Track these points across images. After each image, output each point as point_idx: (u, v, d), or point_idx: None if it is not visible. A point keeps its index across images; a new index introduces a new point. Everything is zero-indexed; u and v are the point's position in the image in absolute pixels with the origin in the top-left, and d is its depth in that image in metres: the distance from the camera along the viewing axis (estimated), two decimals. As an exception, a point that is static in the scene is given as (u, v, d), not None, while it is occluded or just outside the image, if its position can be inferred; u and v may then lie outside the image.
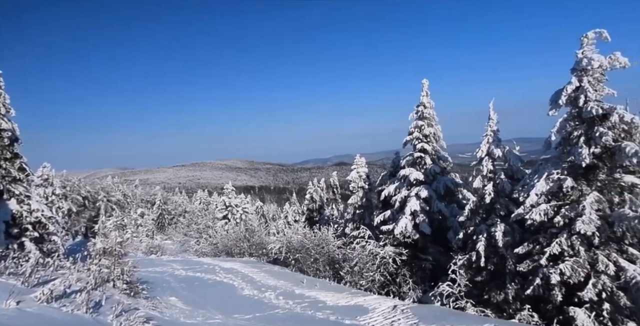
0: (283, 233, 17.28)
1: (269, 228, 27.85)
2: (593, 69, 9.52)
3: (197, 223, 33.53)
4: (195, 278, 13.33)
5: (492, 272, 11.84)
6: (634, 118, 9.04)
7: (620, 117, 9.14)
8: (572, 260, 9.26)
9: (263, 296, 10.77)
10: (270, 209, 57.27)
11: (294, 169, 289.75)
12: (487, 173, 12.49)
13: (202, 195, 54.87)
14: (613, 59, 9.36)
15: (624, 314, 8.73)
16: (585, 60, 9.53)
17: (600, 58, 9.44)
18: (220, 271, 14.11)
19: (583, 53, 9.66)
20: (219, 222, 31.66)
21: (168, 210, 45.66)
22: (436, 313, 8.50)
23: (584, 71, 9.67)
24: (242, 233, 20.81)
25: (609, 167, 9.51)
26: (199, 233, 30.08)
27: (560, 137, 10.23)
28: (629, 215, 8.63)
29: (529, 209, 10.14)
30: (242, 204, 33.45)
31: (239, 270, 14.39)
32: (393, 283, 14.22)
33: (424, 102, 15.93)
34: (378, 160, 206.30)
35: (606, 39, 9.50)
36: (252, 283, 12.21)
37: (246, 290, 11.41)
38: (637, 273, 8.47)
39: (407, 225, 14.79)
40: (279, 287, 11.64)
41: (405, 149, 16.69)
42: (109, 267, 8.05)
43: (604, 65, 9.44)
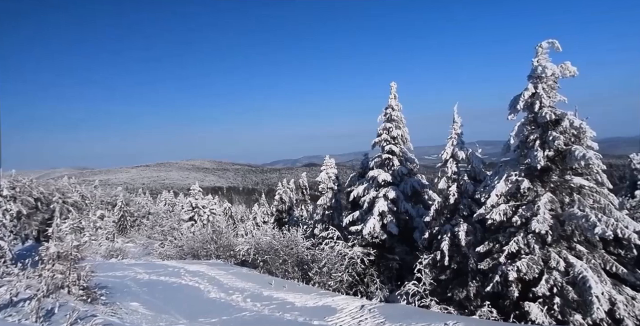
0: (252, 235, 17.05)
1: (238, 230, 27.39)
2: (547, 76, 10.13)
3: (162, 226, 32.41)
4: (159, 282, 12.86)
5: (455, 271, 12.26)
6: (582, 124, 9.70)
7: (571, 123, 9.77)
8: (528, 257, 9.76)
9: (230, 299, 10.55)
10: (238, 210, 56.32)
11: (263, 170, 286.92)
12: (452, 175, 12.93)
13: (167, 197, 53.12)
14: (564, 68, 10.01)
15: (572, 307, 9.31)
16: (540, 69, 10.12)
17: (553, 67, 10.07)
18: (186, 275, 13.70)
19: (538, 61, 10.25)
20: (185, 224, 30.75)
21: (131, 212, 43.80)
22: (402, 312, 8.67)
23: (539, 79, 10.26)
24: (209, 235, 20.33)
25: (561, 170, 10.13)
26: (163, 236, 29.08)
27: (518, 141, 10.78)
28: (577, 215, 9.22)
29: (490, 209, 10.59)
30: (209, 205, 32.67)
31: (206, 273, 14.04)
32: (361, 284, 14.39)
33: (392, 104, 16.26)
34: (348, 161, 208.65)
35: (558, 49, 10.13)
36: (219, 286, 11.94)
37: (213, 293, 11.14)
38: (583, 269, 9.05)
39: (376, 226, 15.03)
40: (247, 289, 11.46)
41: (374, 151, 16.98)
42: (63, 273, 7.59)
43: (557, 73, 10.08)
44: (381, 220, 15.18)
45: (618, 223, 8.92)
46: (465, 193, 12.76)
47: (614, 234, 8.71)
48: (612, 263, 9.45)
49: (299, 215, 33.10)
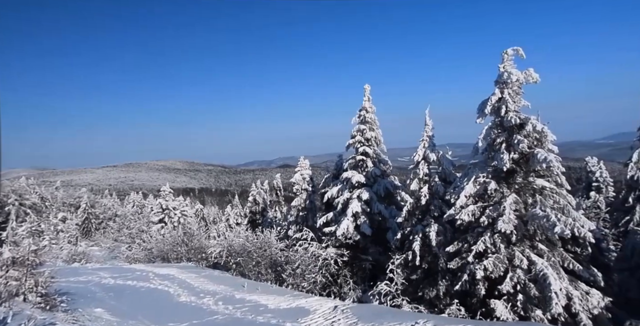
0: (224, 237, 16.75)
1: (210, 232, 26.80)
2: (512, 82, 10.60)
3: (130, 228, 31.25)
4: (126, 286, 12.38)
5: (426, 270, 12.54)
6: (544, 128, 10.22)
7: (534, 127, 10.26)
8: (494, 256, 10.14)
9: (201, 302, 10.32)
10: (211, 212, 55.21)
11: (236, 171, 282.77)
12: (423, 176, 13.24)
13: (135, 198, 51.30)
14: (527, 74, 10.51)
15: (533, 303, 9.75)
16: (506, 74, 10.58)
17: (518, 73, 10.55)
18: (155, 278, 13.27)
19: (504, 67, 10.70)
20: (155, 226, 29.80)
21: (96, 214, 41.95)
22: (374, 311, 8.79)
23: (505, 84, 10.71)
24: (180, 237, 19.79)
25: (524, 171, 10.61)
26: (131, 238, 28.06)
27: (486, 144, 11.19)
28: (539, 215, 9.68)
29: (459, 210, 10.92)
30: (180, 207, 31.84)
31: (176, 276, 13.66)
32: (334, 284, 14.46)
33: (366, 106, 16.47)
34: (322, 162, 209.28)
35: (522, 56, 10.62)
36: (190, 289, 11.65)
37: (183, 297, 10.85)
38: (544, 267, 9.52)
39: (349, 227, 15.14)
40: (218, 292, 11.24)
41: (348, 152, 17.11)
42: (18, 279, 7.16)
43: (521, 79, 10.56)
44: (355, 221, 15.31)
45: (575, 222, 9.44)
46: (436, 194, 13.09)
47: (571, 233, 9.21)
48: (569, 260, 9.98)
49: (273, 216, 32.86)
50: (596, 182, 24.73)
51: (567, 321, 9.39)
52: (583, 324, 9.27)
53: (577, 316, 9.36)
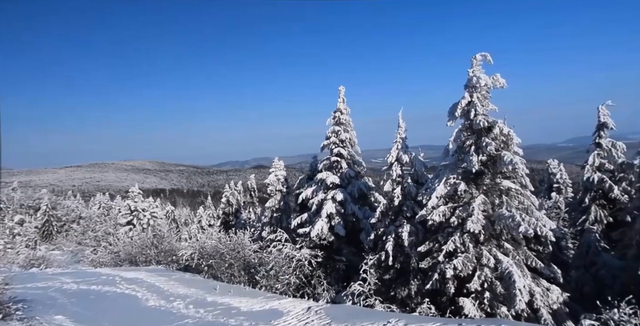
0: (196, 239, 16.38)
1: (181, 234, 26.12)
2: (480, 86, 11.01)
3: (95, 230, 29.95)
4: (90, 291, 11.84)
5: (398, 270, 12.77)
6: (510, 131, 10.69)
7: (501, 130, 10.70)
8: (463, 255, 10.47)
9: (171, 306, 10.03)
10: (182, 213, 53.83)
11: (209, 171, 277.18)
12: (396, 177, 13.48)
13: (102, 199, 49.21)
14: (495, 79, 10.96)
15: (499, 300, 10.14)
16: (475, 79, 10.98)
17: (486, 77, 10.98)
18: (122, 282, 12.77)
19: (473, 72, 11.10)
20: (123, 228, 28.71)
21: (57, 216, 39.91)
22: (347, 312, 8.85)
23: (474, 88, 11.10)
24: (149, 239, 19.16)
25: (492, 173, 11.03)
26: (96, 241, 26.91)
27: (456, 146, 11.55)
28: (505, 215, 10.09)
29: (431, 211, 11.20)
30: (150, 208, 30.82)
31: (144, 279, 13.20)
32: (308, 285, 14.45)
33: (340, 108, 16.61)
34: (297, 163, 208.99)
35: (490, 62, 11.05)
36: (159, 293, 11.29)
37: (151, 301, 10.50)
38: (509, 265, 9.92)
39: (323, 228, 15.20)
40: (189, 296, 10.97)
41: (323, 153, 17.18)
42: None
43: (489, 84, 11.00)
44: (329, 222, 15.38)
45: (538, 222, 9.91)
46: (409, 195, 13.37)
47: (534, 232, 9.66)
48: (532, 258, 10.46)
49: (247, 217, 32.46)
50: (557, 184, 26.08)
51: (529, 316, 9.83)
52: (543, 319, 9.73)
53: (539, 312, 9.81)
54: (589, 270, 14.13)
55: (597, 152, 16.54)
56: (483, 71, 11.08)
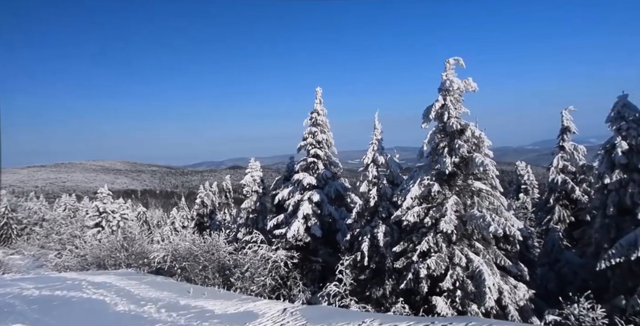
0: (169, 241, 15.97)
1: (153, 236, 25.38)
2: (454, 90, 11.33)
3: (60, 233, 28.61)
4: (54, 297, 11.29)
5: (374, 270, 12.92)
6: (481, 134, 11.05)
7: (472, 132, 11.05)
8: (436, 255, 10.72)
9: (142, 310, 9.71)
10: (154, 215, 52.33)
11: (183, 172, 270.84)
12: (372, 178, 13.64)
13: (67, 201, 46.99)
14: (467, 83, 11.32)
15: (470, 298, 10.45)
16: (448, 82, 11.29)
17: (458, 81, 11.31)
18: (89, 287, 12.26)
19: (446, 76, 11.41)
20: (90, 230, 27.58)
21: (17, 218, 37.85)
22: (323, 313, 8.87)
23: (447, 91, 11.41)
24: (119, 242, 18.52)
25: (464, 174, 11.36)
26: (61, 245, 25.73)
27: (430, 148, 11.82)
28: (476, 215, 10.42)
29: (405, 211, 11.41)
30: (120, 210, 29.77)
31: (114, 283, 12.73)
32: (284, 287, 14.37)
33: (317, 109, 16.65)
34: (273, 164, 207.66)
35: (462, 66, 11.40)
36: (129, 297, 10.92)
37: (121, 306, 10.13)
38: (480, 264, 10.25)
39: (300, 229, 15.17)
40: (161, 299, 10.66)
41: (300, 154, 17.17)
42: None
43: (461, 87, 11.34)
44: (305, 223, 15.37)
45: (507, 222, 10.28)
46: (384, 196, 13.56)
47: (503, 231, 10.02)
48: (501, 257, 10.84)
49: (222, 218, 31.95)
50: (524, 185, 27.17)
51: (498, 313, 10.18)
52: (511, 315, 10.11)
53: (507, 309, 10.18)
54: (553, 268, 14.81)
55: (560, 154, 17.39)
56: (456, 75, 11.41)
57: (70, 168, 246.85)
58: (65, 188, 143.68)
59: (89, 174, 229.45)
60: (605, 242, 11.55)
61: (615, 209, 11.25)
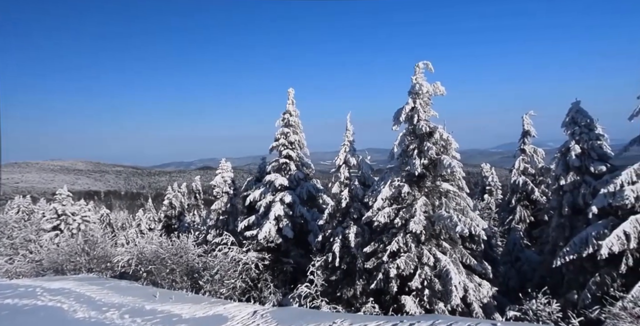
0: (134, 243, 15.39)
1: (117, 239, 24.35)
2: (423, 93, 11.65)
3: (12, 237, 26.77)
4: (3, 306, 10.57)
5: (345, 271, 13.02)
6: (449, 137, 11.43)
7: (441, 135, 11.40)
8: (405, 255, 10.96)
9: (103, 317, 9.28)
10: (119, 217, 50.22)
11: (150, 172, 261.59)
12: (344, 179, 13.75)
13: (21, 202, 44.10)
14: (435, 87, 11.67)
15: (437, 297, 10.76)
16: (418, 86, 11.60)
17: (427, 85, 11.65)
18: (44, 294, 11.58)
19: (416, 79, 11.72)
20: (47, 234, 26.07)
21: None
22: (294, 314, 8.84)
23: (417, 94, 11.72)
24: (79, 245, 17.62)
25: (433, 176, 11.69)
26: (13, 250, 24.10)
27: (400, 150, 12.07)
28: (444, 216, 10.75)
29: (376, 212, 11.58)
30: (81, 212, 28.32)
31: (73, 289, 12.09)
32: (254, 289, 14.20)
33: (289, 110, 16.60)
34: (244, 165, 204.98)
35: (431, 70, 11.74)
36: (90, 304, 10.40)
37: (80, 313, 9.64)
38: (447, 263, 10.58)
39: (271, 230, 15.05)
40: (125, 304, 10.23)
41: (272, 155, 17.04)
42: None
43: (430, 91, 11.68)
44: (277, 224, 15.27)
45: (472, 222, 10.68)
46: (356, 197, 13.70)
47: (469, 231, 10.39)
48: (467, 256, 11.24)
49: (191, 220, 31.14)
50: (489, 186, 28.32)
51: (463, 311, 10.53)
52: (475, 312, 10.49)
53: (471, 306, 10.56)
54: (514, 265, 15.52)
55: (522, 157, 18.30)
56: (425, 79, 11.74)
57: (25, 168, 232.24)
58: (19, 190, 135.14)
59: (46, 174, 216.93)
60: (560, 240, 12.24)
61: (570, 209, 11.95)
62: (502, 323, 6.72)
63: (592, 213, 10.01)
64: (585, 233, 10.20)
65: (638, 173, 9.47)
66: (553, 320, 8.57)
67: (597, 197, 10.18)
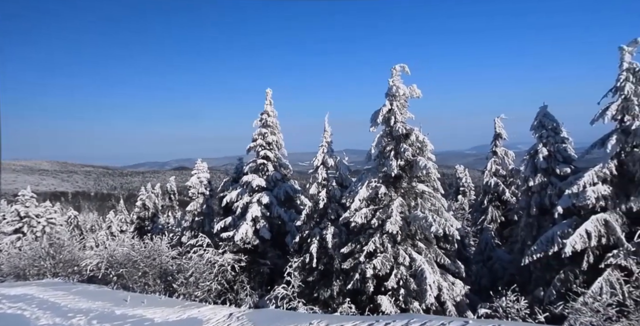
0: (104, 246, 14.85)
1: (86, 242, 23.42)
2: (400, 95, 11.86)
3: (-31, 241, 25.31)
4: (-41, 315, 9.96)
5: (322, 272, 13.03)
6: (425, 139, 11.68)
7: (417, 137, 11.63)
8: (382, 255, 11.09)
9: (69, 323, 8.89)
10: (88, 219, 48.26)
11: (122, 173, 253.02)
12: (322, 180, 13.78)
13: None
14: (412, 89, 11.90)
15: (412, 296, 10.95)
16: (395, 88, 11.80)
17: (404, 87, 11.87)
18: (3, 301, 11.00)
19: (393, 82, 11.91)
20: (8, 237, 24.77)
21: None
22: (270, 316, 8.77)
23: (393, 97, 11.91)
24: (44, 249, 16.82)
25: (409, 177, 11.90)
26: (-29, 254, 22.73)
27: (377, 151, 12.22)
28: (419, 216, 10.95)
29: (353, 213, 11.67)
30: (46, 214, 27.08)
31: (35, 295, 11.53)
32: (230, 291, 13.99)
33: (267, 110, 16.50)
34: (221, 165, 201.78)
35: (407, 73, 11.97)
36: (55, 310, 9.94)
37: (43, 320, 9.20)
38: (422, 262, 10.78)
39: (248, 231, 14.89)
40: (93, 310, 9.85)
41: (249, 155, 16.88)
42: None
43: (407, 93, 11.90)
44: (254, 225, 15.11)
45: (447, 222, 10.93)
46: (333, 198, 13.75)
47: (443, 231, 10.63)
48: (441, 255, 11.49)
49: (165, 222, 30.34)
50: (462, 187, 29.11)
51: (437, 309, 10.76)
52: (449, 311, 10.74)
53: (445, 305, 10.81)
54: (486, 264, 16.01)
55: (493, 159, 18.92)
56: (402, 81, 11.95)
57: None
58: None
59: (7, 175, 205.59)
60: (529, 240, 12.73)
61: (537, 209, 12.44)
62: (474, 320, 6.90)
63: (558, 213, 10.45)
64: (551, 232, 10.64)
65: (599, 175, 9.96)
66: (521, 317, 8.89)
67: (562, 197, 10.64)
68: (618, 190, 9.97)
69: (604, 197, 9.85)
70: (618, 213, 9.79)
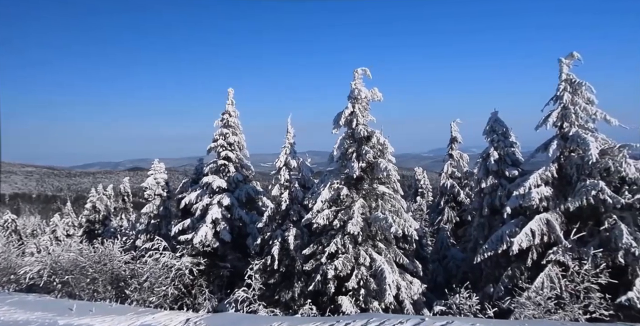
0: (47, 252, 13.77)
1: (25, 247, 21.62)
2: (362, 98, 12.09)
3: None
4: None
5: (283, 274, 12.93)
6: (386, 141, 11.99)
7: (378, 139, 11.90)
8: (343, 256, 11.20)
9: (4, 338, 8.14)
10: (29, 223, 44.62)
11: (70, 173, 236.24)
12: (284, 182, 13.70)
13: None
14: (373, 92, 12.18)
15: (372, 296, 11.15)
16: (357, 91, 12.01)
17: (366, 90, 12.12)
18: None
19: (355, 84, 12.13)
20: None
21: None
22: (229, 320, 8.57)
23: (355, 99, 12.12)
24: (-26, 257, 15.30)
25: (370, 179, 12.14)
26: None
27: (340, 153, 12.36)
28: (380, 217, 11.20)
29: (316, 214, 11.70)
30: (-20, 217, 24.65)
31: (-36, 308, 10.42)
32: (188, 295, 13.51)
33: (229, 110, 16.17)
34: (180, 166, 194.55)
35: (369, 76, 12.24)
36: (-14, 324, 9.06)
37: (-27, 335, 8.35)
38: (382, 263, 11.03)
39: (208, 234, 14.48)
40: (32, 321, 9.08)
41: (210, 156, 16.44)
42: None
43: (368, 96, 12.17)
44: (214, 228, 14.72)
45: (406, 223, 11.27)
46: (296, 199, 13.71)
47: (403, 232, 10.94)
48: (400, 255, 11.82)
49: (118, 225, 28.78)
50: (421, 189, 30.19)
51: (395, 308, 11.04)
52: (406, 309, 11.06)
53: (403, 303, 11.12)
54: (442, 263, 16.69)
55: (449, 162, 19.80)
56: (364, 84, 12.19)
57: None
58: None
59: None
60: (481, 239, 13.42)
61: (489, 210, 13.16)
62: (430, 317, 7.17)
63: (507, 213, 11.11)
64: (500, 232, 11.29)
65: (542, 177, 10.72)
66: (473, 312, 9.35)
67: (510, 198, 11.32)
68: (558, 191, 10.78)
69: (546, 198, 10.59)
70: (558, 213, 10.57)
